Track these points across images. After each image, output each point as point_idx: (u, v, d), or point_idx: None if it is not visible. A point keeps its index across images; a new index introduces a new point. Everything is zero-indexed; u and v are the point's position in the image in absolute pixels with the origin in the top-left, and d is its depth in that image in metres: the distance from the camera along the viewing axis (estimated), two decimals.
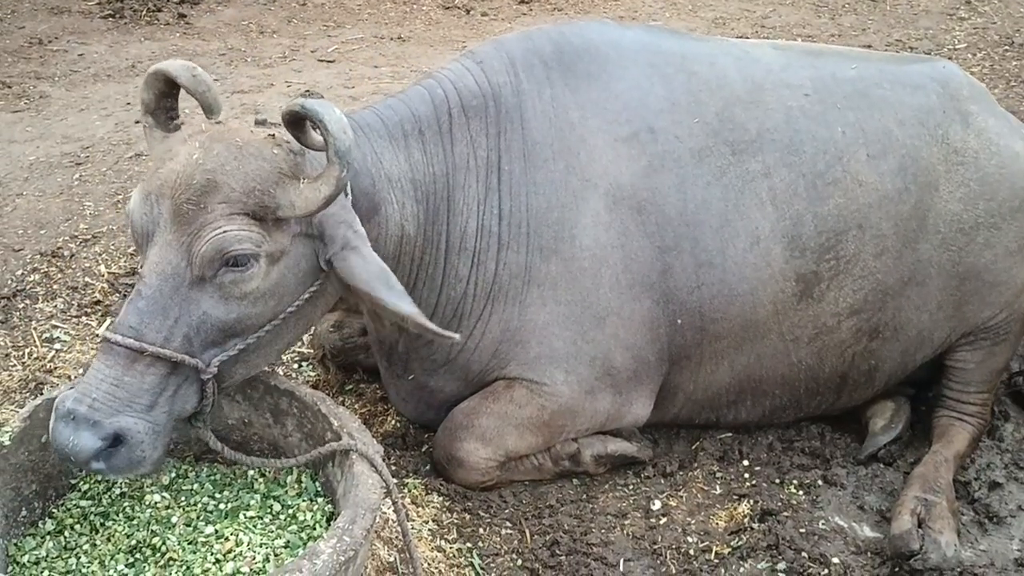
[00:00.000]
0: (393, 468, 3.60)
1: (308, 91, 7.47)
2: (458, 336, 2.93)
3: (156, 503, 2.92)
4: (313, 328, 4.36)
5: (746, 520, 3.53)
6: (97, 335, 4.42)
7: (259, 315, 2.86)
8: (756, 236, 3.51)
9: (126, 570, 2.72)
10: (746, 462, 3.87)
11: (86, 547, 2.82)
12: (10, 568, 2.75)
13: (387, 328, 3.50)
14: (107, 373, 2.66)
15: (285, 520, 2.90)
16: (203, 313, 2.75)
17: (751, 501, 3.61)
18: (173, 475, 3.07)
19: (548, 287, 3.42)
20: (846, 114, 3.64)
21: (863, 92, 3.70)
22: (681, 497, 3.69)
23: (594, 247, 3.42)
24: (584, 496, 3.68)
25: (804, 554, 3.36)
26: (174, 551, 2.72)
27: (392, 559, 3.10)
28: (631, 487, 3.74)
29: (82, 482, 3.02)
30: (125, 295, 2.92)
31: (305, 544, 2.79)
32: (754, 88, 3.62)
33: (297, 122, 2.77)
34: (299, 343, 4.42)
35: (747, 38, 8.83)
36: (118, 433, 2.63)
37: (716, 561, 3.38)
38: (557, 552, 3.36)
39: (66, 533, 2.87)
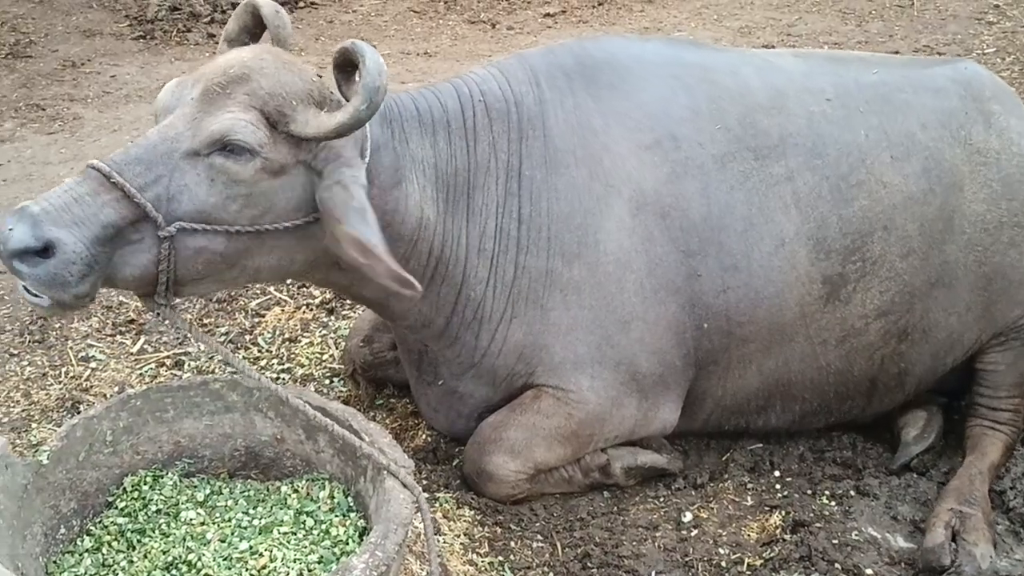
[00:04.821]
0: (424, 482, 3.62)
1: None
2: (420, 287, 2.93)
3: (191, 520, 2.96)
4: (343, 343, 4.41)
5: (778, 531, 3.52)
6: (132, 353, 4.49)
7: (236, 215, 2.91)
8: (781, 239, 3.52)
9: None
10: (777, 473, 3.85)
11: (123, 564, 2.85)
12: None
13: (400, 313, 3.47)
14: (73, 188, 2.75)
15: (318, 535, 2.93)
16: (184, 185, 2.83)
17: (783, 512, 3.59)
18: (208, 491, 3.11)
19: (572, 291, 3.44)
20: (869, 118, 3.65)
21: (885, 96, 3.71)
22: (712, 509, 3.68)
23: (618, 252, 3.44)
24: (615, 508, 3.68)
25: (837, 565, 3.33)
26: (209, 567, 2.75)
27: (424, 573, 3.11)
28: (662, 499, 3.74)
29: (119, 499, 3.06)
30: (159, 314, 2.97)
31: (338, 559, 2.81)
32: (776, 95, 3.64)
33: (345, 65, 2.93)
34: (331, 359, 4.46)
35: (773, 47, 8.79)
36: (53, 242, 2.64)
37: (748, 573, 3.37)
38: (588, 565, 3.37)
39: (104, 550, 2.91)
